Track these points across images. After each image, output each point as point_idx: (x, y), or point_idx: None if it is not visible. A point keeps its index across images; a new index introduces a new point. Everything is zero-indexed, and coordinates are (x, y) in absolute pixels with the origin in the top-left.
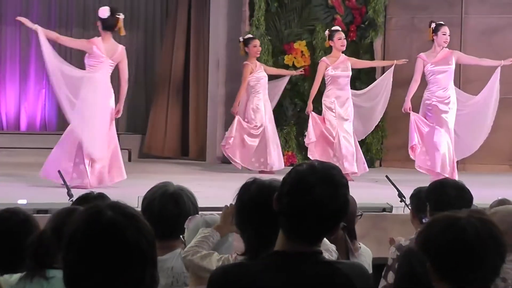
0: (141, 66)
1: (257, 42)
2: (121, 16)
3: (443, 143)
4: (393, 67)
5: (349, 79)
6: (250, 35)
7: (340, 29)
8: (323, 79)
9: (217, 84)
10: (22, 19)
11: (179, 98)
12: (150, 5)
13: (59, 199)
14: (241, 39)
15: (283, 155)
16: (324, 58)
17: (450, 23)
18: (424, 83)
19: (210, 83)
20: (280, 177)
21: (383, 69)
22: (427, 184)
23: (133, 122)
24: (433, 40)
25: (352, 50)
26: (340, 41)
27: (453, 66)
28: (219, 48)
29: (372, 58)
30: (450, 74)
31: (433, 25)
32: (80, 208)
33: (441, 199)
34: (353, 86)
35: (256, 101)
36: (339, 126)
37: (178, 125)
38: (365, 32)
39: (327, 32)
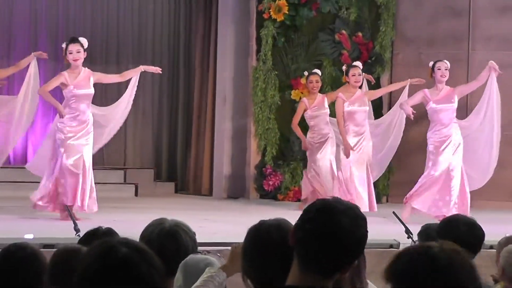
0: (148, 100)
1: (313, 77)
2: (63, 45)
3: (436, 185)
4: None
5: (367, 114)
6: (316, 70)
7: (357, 65)
8: None
9: (223, 118)
10: None
11: (187, 133)
12: (157, 39)
13: (66, 233)
14: (305, 73)
15: (290, 190)
16: (340, 94)
17: (457, 59)
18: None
19: (216, 118)
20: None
21: (390, 101)
22: (434, 221)
23: (140, 157)
24: (434, 79)
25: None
26: (354, 77)
27: (455, 104)
28: (226, 83)
29: None
30: (453, 112)
31: (431, 63)
32: (81, 247)
33: (453, 236)
34: None
35: (309, 138)
36: (353, 164)
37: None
38: (372, 67)
39: (344, 67)
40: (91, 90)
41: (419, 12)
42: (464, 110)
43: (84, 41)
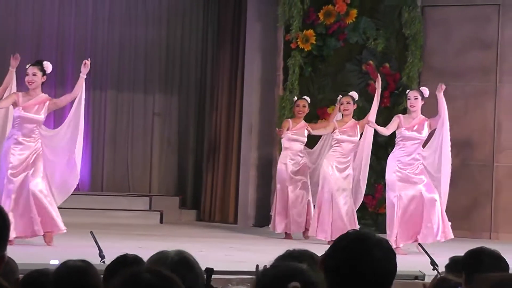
0: (174, 128)
1: (300, 102)
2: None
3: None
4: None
5: (356, 145)
6: (305, 97)
7: (350, 94)
8: None
9: (249, 147)
10: None
11: (213, 162)
12: (185, 68)
13: (90, 260)
14: (295, 98)
15: None
16: (335, 120)
17: (485, 91)
18: None
19: (242, 146)
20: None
21: None
22: (462, 253)
23: (165, 184)
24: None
25: (386, 116)
26: (342, 105)
27: (424, 136)
28: (252, 112)
29: None
30: (420, 144)
31: (407, 91)
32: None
33: (477, 268)
34: (386, 152)
35: (282, 158)
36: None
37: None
38: (399, 98)
39: (339, 96)
40: (39, 117)
41: (447, 44)
42: None
43: (46, 65)
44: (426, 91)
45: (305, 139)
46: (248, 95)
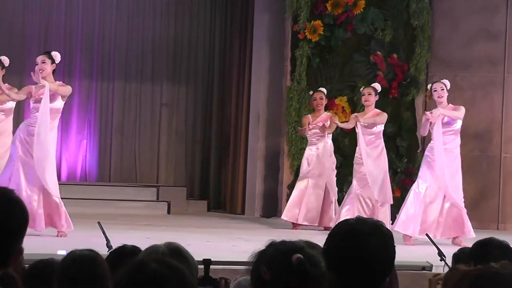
0: (181, 119)
1: (317, 95)
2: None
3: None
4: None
5: (376, 136)
6: (321, 88)
7: (372, 85)
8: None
9: (257, 138)
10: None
11: (221, 152)
12: (192, 59)
13: (98, 250)
14: (311, 92)
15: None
16: (356, 114)
17: (493, 82)
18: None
19: (250, 137)
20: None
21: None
22: (470, 244)
23: (173, 175)
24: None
25: (394, 107)
26: (363, 97)
27: (456, 124)
28: (260, 103)
29: (413, 115)
30: (455, 134)
31: (429, 85)
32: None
33: (485, 259)
34: (394, 143)
35: (307, 152)
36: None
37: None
38: (407, 89)
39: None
40: (54, 104)
41: (454, 35)
42: None
43: (55, 54)
44: (447, 82)
45: (330, 131)
46: (256, 85)
